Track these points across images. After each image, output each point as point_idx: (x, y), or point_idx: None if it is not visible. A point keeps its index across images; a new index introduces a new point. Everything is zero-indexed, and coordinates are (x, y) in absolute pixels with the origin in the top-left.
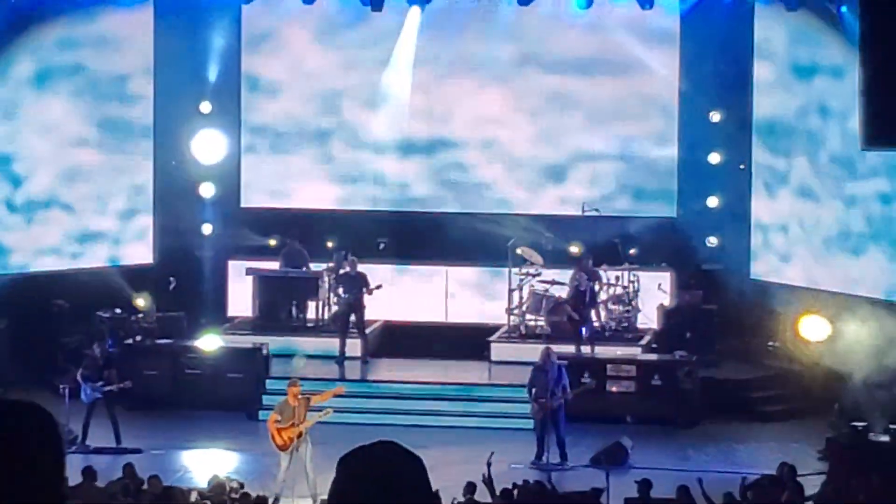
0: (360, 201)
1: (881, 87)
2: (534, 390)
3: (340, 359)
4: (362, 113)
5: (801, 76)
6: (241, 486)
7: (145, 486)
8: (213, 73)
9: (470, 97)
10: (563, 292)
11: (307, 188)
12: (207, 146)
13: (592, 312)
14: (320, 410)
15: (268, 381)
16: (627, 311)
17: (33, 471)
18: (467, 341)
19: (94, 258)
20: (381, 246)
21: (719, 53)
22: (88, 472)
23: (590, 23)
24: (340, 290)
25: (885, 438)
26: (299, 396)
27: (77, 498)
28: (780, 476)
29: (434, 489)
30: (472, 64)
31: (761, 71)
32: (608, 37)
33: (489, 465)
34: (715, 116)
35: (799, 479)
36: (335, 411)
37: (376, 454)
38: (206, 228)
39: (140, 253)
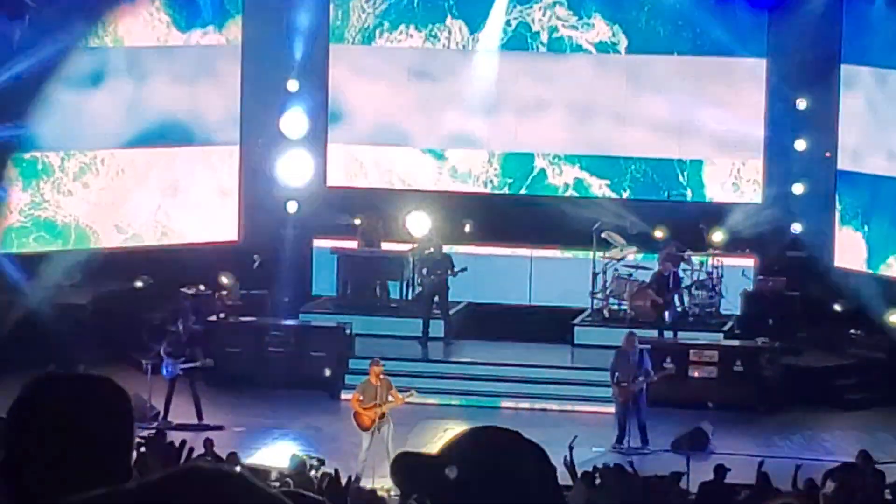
0: (447, 183)
1: None
2: (616, 374)
3: (424, 339)
4: (448, 92)
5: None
6: (322, 462)
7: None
8: (298, 52)
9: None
10: (646, 277)
11: (393, 168)
12: (293, 125)
13: (676, 298)
14: (405, 391)
15: (351, 360)
16: (711, 297)
17: (101, 447)
18: (551, 324)
19: (179, 235)
20: (467, 228)
21: (807, 40)
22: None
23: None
24: (425, 271)
25: None
26: (381, 377)
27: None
28: (859, 463)
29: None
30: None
31: (849, 58)
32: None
33: (571, 448)
34: (801, 103)
35: (879, 466)
36: (417, 392)
37: (498, 443)
38: (292, 207)
39: (225, 231)
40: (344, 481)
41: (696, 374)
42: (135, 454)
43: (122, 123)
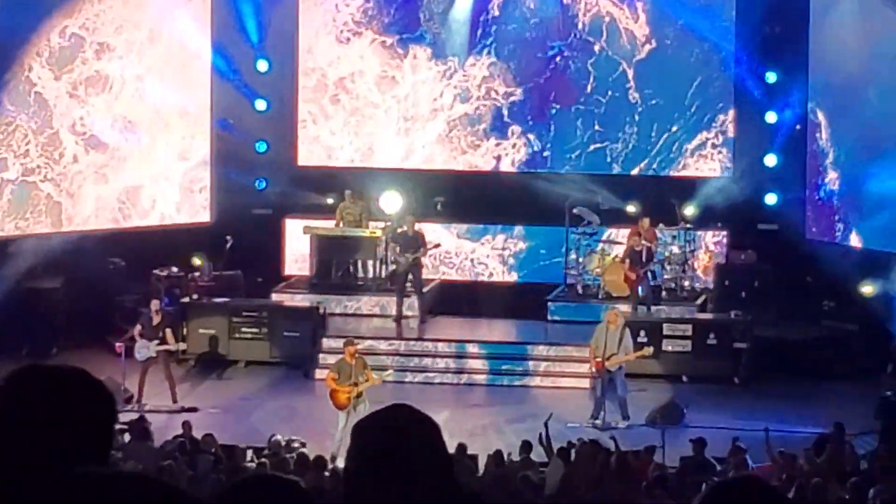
0: (418, 160)
1: None
2: (596, 349)
3: (398, 318)
4: (419, 69)
5: (856, 37)
6: (303, 444)
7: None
8: (269, 31)
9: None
10: (619, 252)
11: (364, 146)
12: (265, 107)
13: (648, 272)
14: (382, 370)
15: (324, 339)
16: (683, 271)
17: (80, 441)
18: (524, 300)
19: (152, 217)
20: (439, 206)
21: (776, 14)
22: (143, 432)
23: None
24: (398, 250)
25: None
26: (356, 356)
27: (131, 458)
28: (833, 435)
29: (476, 451)
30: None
31: (817, 31)
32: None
33: (546, 425)
34: (771, 77)
35: (853, 437)
36: (393, 370)
37: (387, 419)
38: (262, 187)
39: (197, 212)
40: (320, 461)
41: (669, 349)
42: (120, 440)
43: (93, 106)
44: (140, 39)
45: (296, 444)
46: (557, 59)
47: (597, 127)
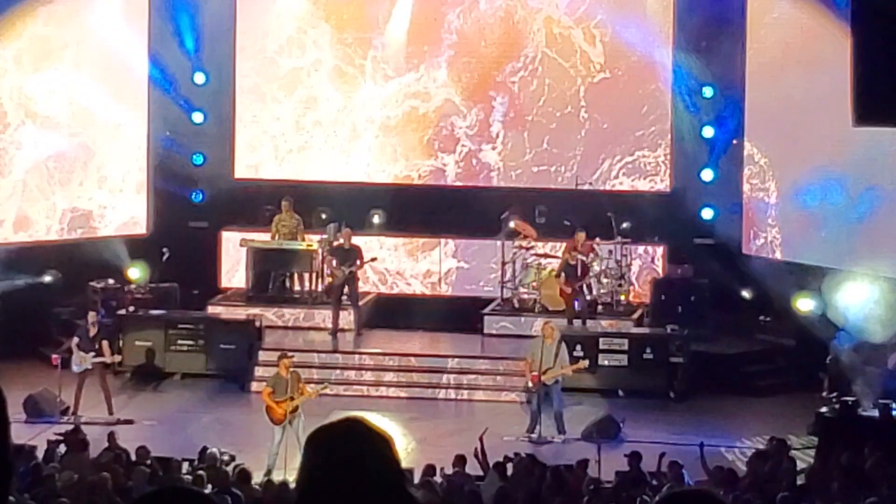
0: (355, 174)
1: (872, 65)
2: (532, 363)
3: (334, 331)
4: (355, 85)
5: (793, 54)
6: (233, 458)
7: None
8: (207, 43)
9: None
10: (555, 265)
11: (301, 159)
12: (201, 118)
13: (584, 286)
14: (319, 384)
15: (260, 352)
16: (619, 285)
17: None
18: (460, 314)
19: (88, 229)
20: (376, 219)
21: (713, 28)
22: (79, 443)
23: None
24: (334, 263)
25: (875, 413)
26: (290, 370)
27: (67, 469)
28: (771, 450)
29: (412, 464)
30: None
31: (754, 46)
32: (598, 10)
33: (481, 440)
34: (707, 91)
35: (790, 453)
36: (329, 383)
37: (342, 432)
38: (199, 199)
39: (133, 224)
40: (255, 474)
41: (605, 363)
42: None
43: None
44: (76, 50)
45: (225, 458)
46: (508, 73)
47: (544, 145)
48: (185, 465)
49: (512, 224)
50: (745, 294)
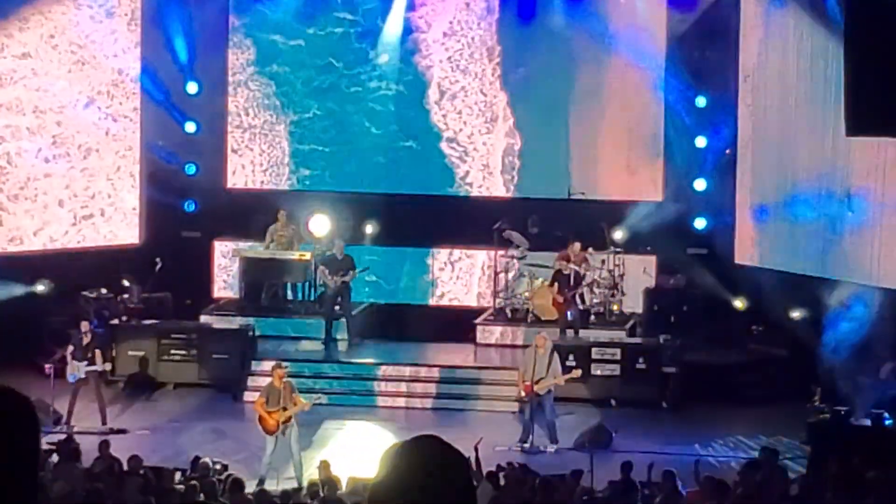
0: (347, 184)
1: (865, 77)
2: (524, 373)
3: (327, 340)
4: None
5: (786, 64)
6: (225, 467)
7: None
8: (199, 53)
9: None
10: (548, 276)
11: (296, 169)
12: (194, 128)
13: (577, 296)
14: (312, 395)
15: (254, 362)
16: (612, 295)
17: (6, 457)
18: (453, 324)
19: (81, 239)
20: (369, 229)
21: (705, 39)
22: (72, 453)
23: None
24: (327, 273)
25: (867, 423)
26: (284, 380)
27: (59, 478)
28: (763, 460)
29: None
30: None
31: (747, 56)
32: (596, 21)
33: (476, 449)
34: (701, 101)
35: (781, 462)
36: (322, 394)
37: (419, 449)
38: (192, 209)
39: (126, 234)
40: (248, 483)
41: (598, 373)
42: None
43: (19, 128)
44: (69, 60)
45: (218, 467)
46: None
47: (532, 153)
48: (178, 475)
49: (505, 234)
50: (738, 304)
